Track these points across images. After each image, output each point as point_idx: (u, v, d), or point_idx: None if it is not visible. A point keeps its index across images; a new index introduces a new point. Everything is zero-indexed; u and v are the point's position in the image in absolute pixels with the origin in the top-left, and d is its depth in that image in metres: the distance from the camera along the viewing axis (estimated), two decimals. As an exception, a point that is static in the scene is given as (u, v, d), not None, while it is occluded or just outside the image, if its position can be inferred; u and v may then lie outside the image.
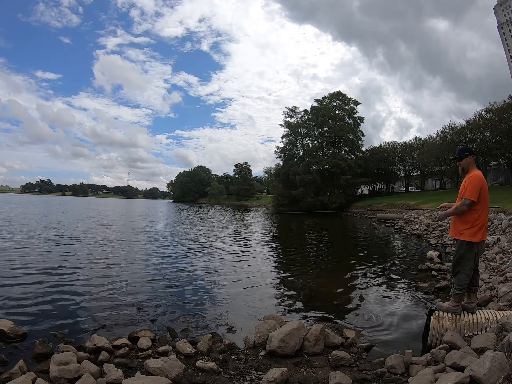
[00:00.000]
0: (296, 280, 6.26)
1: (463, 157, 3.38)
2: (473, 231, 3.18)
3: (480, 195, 3.17)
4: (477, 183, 3.17)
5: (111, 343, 3.14)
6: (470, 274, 3.24)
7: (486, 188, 3.25)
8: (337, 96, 44.14)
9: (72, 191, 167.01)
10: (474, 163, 3.40)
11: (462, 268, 3.24)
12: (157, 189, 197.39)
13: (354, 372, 2.77)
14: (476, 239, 3.18)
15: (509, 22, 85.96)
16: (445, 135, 33.28)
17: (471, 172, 3.32)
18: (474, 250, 3.21)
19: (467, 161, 3.36)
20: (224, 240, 12.27)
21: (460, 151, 3.45)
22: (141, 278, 6.02)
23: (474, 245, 3.20)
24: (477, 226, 3.18)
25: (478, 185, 3.17)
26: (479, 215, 3.19)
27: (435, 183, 45.47)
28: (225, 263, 7.71)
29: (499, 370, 2.15)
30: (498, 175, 34.32)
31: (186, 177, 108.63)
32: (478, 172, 3.30)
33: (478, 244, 3.22)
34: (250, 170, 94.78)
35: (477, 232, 3.18)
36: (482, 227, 3.20)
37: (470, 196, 3.15)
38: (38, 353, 2.89)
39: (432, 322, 3.23)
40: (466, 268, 3.23)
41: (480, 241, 3.22)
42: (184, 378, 2.61)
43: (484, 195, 3.21)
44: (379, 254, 10.08)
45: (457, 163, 3.46)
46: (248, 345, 3.30)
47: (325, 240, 14.22)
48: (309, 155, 42.66)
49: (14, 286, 5.09)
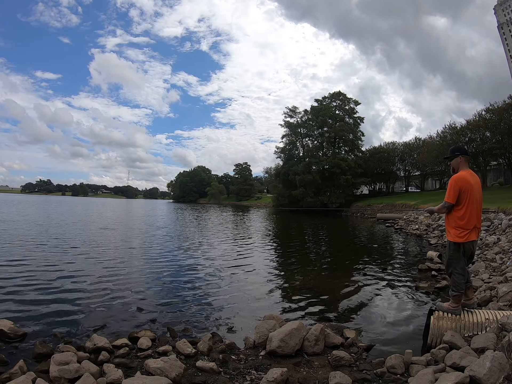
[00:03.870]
0: (296, 280, 6.27)
1: (453, 157, 3.39)
2: (458, 231, 3.18)
3: (461, 196, 3.15)
4: (455, 185, 3.17)
5: (111, 343, 3.14)
6: (463, 273, 3.23)
7: (470, 188, 3.17)
8: (337, 96, 44.15)
9: (72, 191, 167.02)
10: (465, 164, 3.36)
11: (454, 268, 3.24)
12: (157, 189, 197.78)
13: (354, 372, 2.77)
14: (461, 239, 3.16)
15: (509, 22, 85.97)
16: (445, 135, 33.27)
17: (458, 173, 3.30)
18: (461, 249, 3.19)
19: (457, 161, 3.36)
20: (224, 240, 12.27)
21: (451, 151, 3.46)
22: (141, 278, 6.02)
23: (460, 245, 3.19)
24: (462, 226, 3.16)
25: (455, 186, 3.16)
26: (462, 215, 3.16)
27: (435, 183, 45.50)
28: (225, 263, 7.70)
29: (499, 370, 2.15)
30: (498, 175, 34.34)
31: (186, 177, 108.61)
32: (462, 173, 3.26)
33: (465, 244, 3.19)
34: (250, 170, 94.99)
35: (462, 233, 3.16)
36: (469, 228, 3.16)
37: (447, 198, 3.19)
38: (38, 353, 2.89)
39: (432, 322, 3.23)
40: (457, 268, 3.22)
41: (467, 241, 3.17)
42: (184, 378, 2.61)
43: (468, 196, 3.15)
44: (379, 254, 10.08)
45: (448, 163, 3.48)
46: (248, 345, 3.30)
47: (325, 240, 14.23)
48: (309, 155, 42.67)
49: (14, 286, 5.09)
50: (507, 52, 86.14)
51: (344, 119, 43.42)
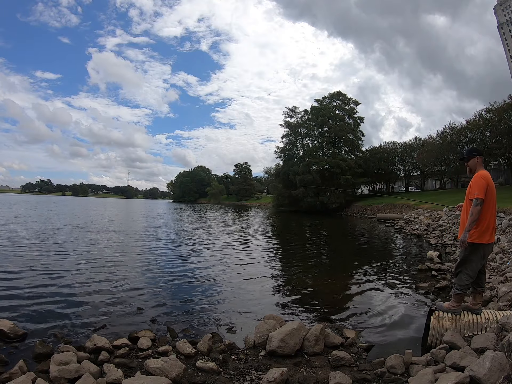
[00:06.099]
0: (296, 280, 6.26)
1: (471, 158, 3.36)
2: (478, 232, 3.11)
3: (486, 194, 3.10)
4: (482, 181, 3.12)
5: (111, 343, 3.14)
6: (472, 276, 3.19)
7: (492, 188, 3.17)
8: (337, 96, 44.10)
9: (72, 191, 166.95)
10: (482, 164, 3.36)
11: (465, 269, 3.20)
12: (157, 189, 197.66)
13: (354, 372, 2.77)
14: (482, 240, 3.10)
15: (509, 22, 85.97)
16: (445, 135, 33.26)
17: (479, 171, 3.27)
18: (480, 252, 3.14)
19: (474, 161, 3.34)
20: (224, 240, 12.27)
21: (468, 151, 3.44)
22: (141, 278, 6.02)
23: (480, 247, 3.13)
24: (483, 227, 3.10)
25: (484, 182, 3.11)
26: (484, 215, 3.11)
27: (435, 183, 45.48)
28: (225, 263, 7.70)
29: (499, 370, 2.15)
30: (498, 175, 34.27)
31: (186, 177, 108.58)
32: (484, 172, 3.25)
33: (485, 246, 3.14)
34: (250, 170, 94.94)
35: (483, 234, 3.10)
36: (488, 229, 3.12)
37: (479, 194, 3.06)
38: (38, 353, 2.89)
39: (432, 322, 3.23)
40: (468, 269, 3.18)
41: (488, 243, 3.13)
42: (184, 378, 2.61)
43: (490, 195, 3.14)
44: (379, 254, 10.08)
45: (465, 163, 3.44)
46: (248, 345, 3.30)
47: (325, 240, 14.23)
48: (309, 155, 42.64)
49: (14, 286, 5.09)
50: (507, 52, 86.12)
51: (344, 119, 43.35)
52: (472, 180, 3.23)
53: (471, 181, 3.24)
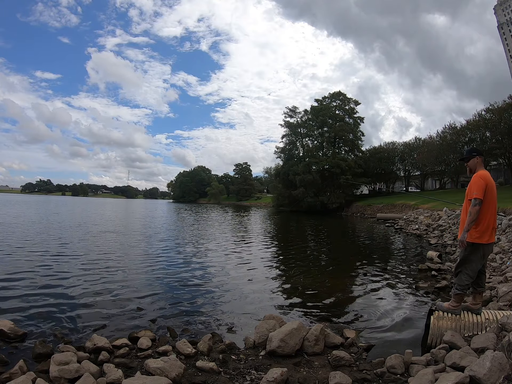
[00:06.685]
0: (296, 280, 6.26)
1: (471, 158, 3.36)
2: (478, 232, 3.11)
3: (486, 194, 3.10)
4: (481, 181, 3.12)
5: (111, 343, 3.14)
6: (472, 276, 3.19)
7: (492, 187, 3.16)
8: (337, 96, 44.11)
9: (72, 191, 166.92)
10: (482, 164, 3.36)
11: (465, 268, 3.20)
12: (157, 189, 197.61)
13: (354, 372, 2.77)
14: (482, 240, 3.10)
15: (509, 22, 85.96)
16: (445, 135, 33.29)
17: (479, 171, 3.28)
18: (480, 252, 3.14)
19: (474, 161, 3.34)
20: (224, 240, 12.27)
21: (467, 152, 3.44)
22: (141, 278, 6.02)
23: (480, 247, 3.13)
24: (483, 227, 3.10)
25: (483, 183, 3.11)
26: (484, 215, 3.11)
27: (435, 183, 45.50)
28: (225, 263, 7.71)
29: (499, 370, 2.15)
30: (498, 175, 34.28)
31: (186, 177, 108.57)
32: (484, 172, 3.25)
33: (485, 246, 3.14)
34: (250, 170, 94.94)
35: (482, 234, 3.10)
36: (488, 228, 3.12)
37: (477, 194, 3.07)
38: (38, 353, 2.89)
39: (432, 322, 3.23)
40: (468, 269, 3.18)
41: (488, 243, 3.13)
42: (184, 378, 2.61)
43: (490, 195, 3.13)
44: (379, 254, 10.08)
45: (465, 163, 3.44)
46: (248, 345, 3.30)
47: (325, 240, 14.23)
48: (309, 155, 42.63)
49: (14, 286, 5.09)
50: (507, 52, 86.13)
51: (344, 119, 43.37)
52: (472, 180, 3.23)
53: (471, 181, 3.24)
